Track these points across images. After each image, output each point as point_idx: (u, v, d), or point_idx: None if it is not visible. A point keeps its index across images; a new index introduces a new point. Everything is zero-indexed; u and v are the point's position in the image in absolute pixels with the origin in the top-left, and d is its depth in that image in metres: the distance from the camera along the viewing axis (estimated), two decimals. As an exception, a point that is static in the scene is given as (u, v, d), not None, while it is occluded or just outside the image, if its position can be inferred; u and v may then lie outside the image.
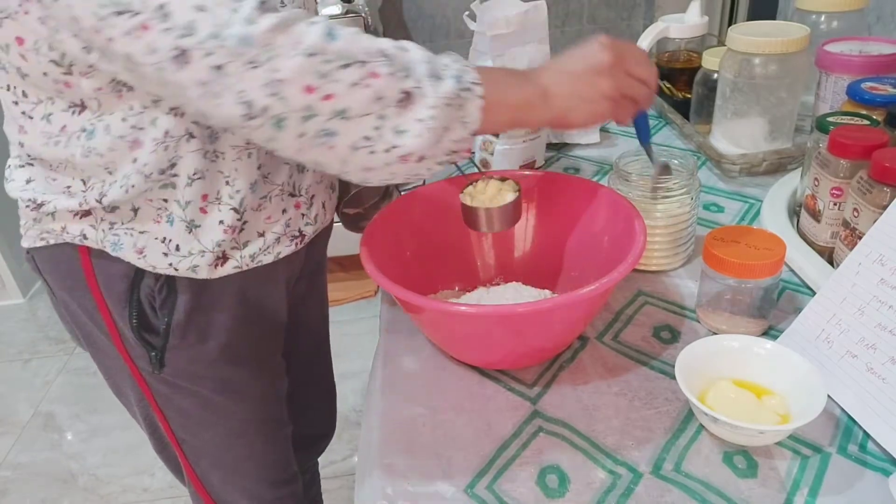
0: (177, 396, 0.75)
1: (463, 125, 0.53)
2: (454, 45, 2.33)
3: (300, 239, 0.74)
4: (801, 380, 0.55)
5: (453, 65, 0.54)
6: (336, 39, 0.49)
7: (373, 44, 0.51)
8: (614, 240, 0.67)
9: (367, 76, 0.49)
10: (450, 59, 0.55)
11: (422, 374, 0.66)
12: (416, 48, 0.53)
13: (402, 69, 0.51)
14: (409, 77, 0.51)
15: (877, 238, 0.58)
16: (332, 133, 0.50)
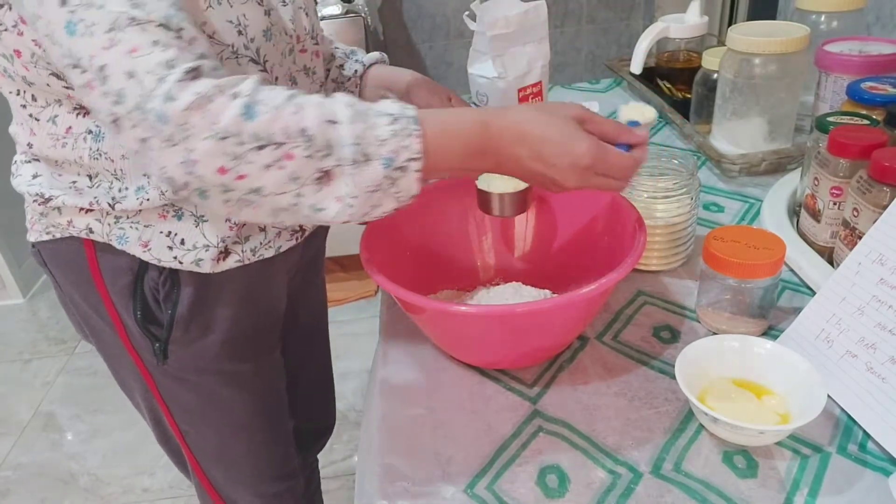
0: (180, 389, 0.76)
1: (396, 199, 0.53)
2: (454, 45, 2.33)
3: (300, 233, 0.74)
4: (801, 380, 0.55)
5: (392, 139, 0.50)
6: (253, 118, 0.47)
7: (295, 121, 0.48)
8: (614, 240, 0.67)
9: (282, 158, 0.48)
10: (391, 129, 0.50)
11: (422, 374, 0.66)
12: (350, 121, 0.50)
13: (323, 148, 0.49)
14: (330, 156, 0.49)
15: (876, 238, 0.58)
16: (252, 202, 0.51)
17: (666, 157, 0.76)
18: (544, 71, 0.94)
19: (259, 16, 0.61)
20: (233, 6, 0.58)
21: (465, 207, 0.75)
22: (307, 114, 0.49)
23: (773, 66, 0.88)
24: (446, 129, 0.53)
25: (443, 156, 0.53)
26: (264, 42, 0.62)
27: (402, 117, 0.51)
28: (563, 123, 0.54)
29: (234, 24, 0.59)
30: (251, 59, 0.61)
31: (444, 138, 0.53)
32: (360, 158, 0.50)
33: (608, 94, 1.28)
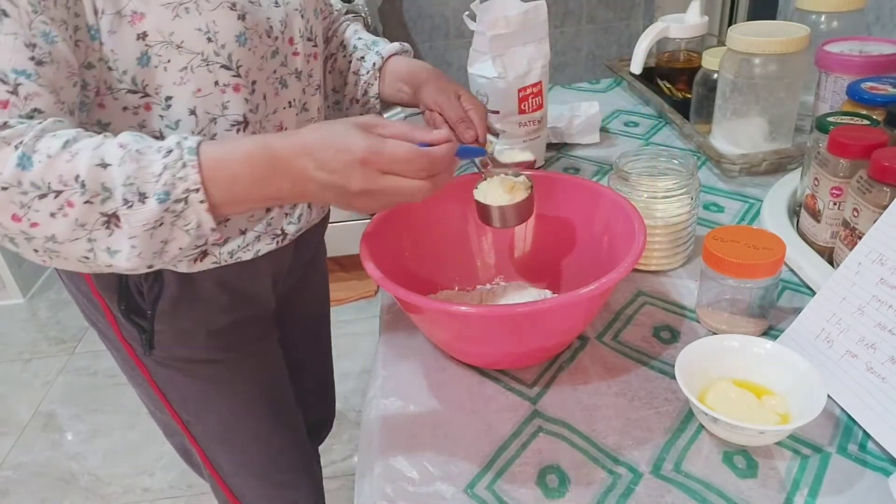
0: (174, 377, 0.77)
1: (189, 233, 0.52)
2: (454, 45, 2.33)
3: (282, 237, 0.74)
4: (801, 380, 0.55)
5: (166, 172, 0.50)
6: (29, 168, 0.48)
7: (69, 169, 0.49)
8: (614, 240, 0.67)
9: (64, 205, 0.49)
10: (164, 163, 0.51)
11: (422, 374, 0.66)
12: (121, 162, 0.50)
13: (100, 192, 0.50)
14: (111, 199, 0.50)
15: (877, 238, 0.58)
16: (55, 251, 0.51)
17: (666, 157, 0.76)
18: (544, 71, 0.94)
19: (231, 21, 0.61)
20: (202, 14, 0.59)
21: (465, 207, 0.75)
22: (80, 160, 0.49)
23: (773, 66, 0.88)
24: (226, 155, 0.53)
25: (230, 184, 0.53)
26: (237, 47, 0.62)
27: (177, 149, 0.51)
28: (342, 127, 0.53)
29: (203, 32, 0.59)
30: (222, 66, 0.61)
31: (225, 164, 0.53)
32: (133, 198, 0.50)
33: (608, 94, 1.28)
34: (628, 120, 1.16)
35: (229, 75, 0.62)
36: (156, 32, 0.57)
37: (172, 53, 0.59)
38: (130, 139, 0.52)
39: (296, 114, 0.73)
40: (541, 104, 0.96)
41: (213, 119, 0.63)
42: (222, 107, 0.63)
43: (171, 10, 0.57)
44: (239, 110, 0.64)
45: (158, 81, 0.59)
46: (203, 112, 0.62)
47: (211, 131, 0.64)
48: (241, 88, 0.64)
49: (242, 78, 0.63)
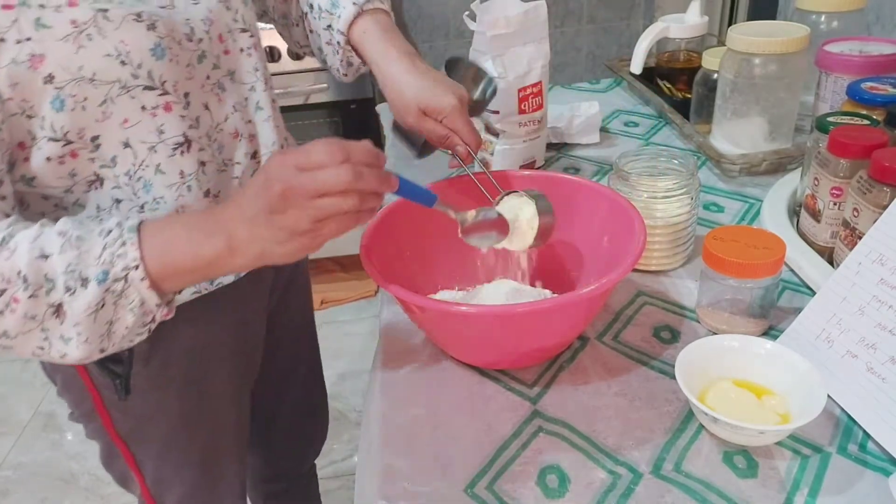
0: (141, 423, 0.72)
1: (134, 312, 0.52)
2: (454, 45, 2.33)
3: None
4: (801, 380, 0.55)
5: (105, 253, 0.50)
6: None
7: (9, 266, 0.48)
8: (614, 240, 0.67)
9: (10, 302, 0.49)
10: (103, 243, 0.50)
11: (422, 374, 0.66)
12: (61, 251, 0.49)
13: (44, 284, 0.49)
14: (54, 290, 0.49)
15: (877, 238, 0.58)
16: (8, 346, 0.51)
17: (666, 157, 0.76)
18: (544, 71, 0.94)
19: (140, 35, 0.55)
20: (107, 37, 0.53)
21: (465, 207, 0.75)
22: (20, 255, 0.48)
23: (773, 66, 0.88)
24: (165, 225, 0.52)
25: (166, 248, 0.51)
26: (155, 62, 0.56)
27: (117, 229, 0.50)
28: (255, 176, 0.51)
29: (114, 56, 0.54)
30: (145, 87, 0.57)
31: (162, 232, 0.52)
32: (74, 284, 0.49)
33: (608, 94, 1.28)
34: (628, 120, 1.16)
35: (155, 95, 0.58)
36: (62, 71, 0.52)
37: (87, 89, 0.54)
38: (70, 225, 0.51)
39: (245, 119, 0.68)
40: (541, 104, 0.96)
41: (152, 147, 0.59)
42: (158, 132, 0.59)
43: (73, 42, 0.52)
44: (177, 130, 0.60)
45: (80, 124, 0.55)
46: (138, 143, 0.58)
47: (154, 161, 0.60)
48: (174, 106, 0.59)
49: (172, 94, 0.59)
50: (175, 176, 0.61)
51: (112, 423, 0.71)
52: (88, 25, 0.52)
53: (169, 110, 0.59)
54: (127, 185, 0.60)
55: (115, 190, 0.59)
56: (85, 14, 0.52)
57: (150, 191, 0.61)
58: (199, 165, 0.63)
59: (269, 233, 0.50)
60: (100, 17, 0.53)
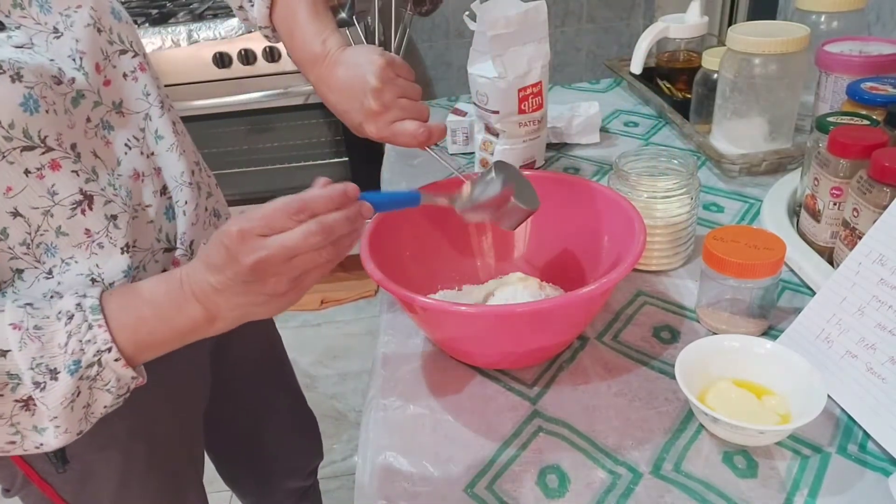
0: (85, 485, 0.67)
1: (107, 392, 0.49)
2: (454, 45, 2.33)
3: None
4: (801, 380, 0.55)
5: (72, 341, 0.46)
6: None
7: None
8: (614, 240, 0.67)
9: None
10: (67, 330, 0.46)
11: (422, 374, 0.66)
12: (20, 346, 0.46)
13: (8, 381, 0.46)
14: (21, 385, 0.46)
15: (877, 238, 0.58)
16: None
17: (666, 157, 0.76)
18: (544, 71, 0.94)
19: (5, 89, 0.48)
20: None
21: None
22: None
23: (773, 66, 0.88)
24: (129, 299, 0.49)
25: (137, 326, 0.49)
26: (29, 118, 0.49)
27: (78, 312, 0.47)
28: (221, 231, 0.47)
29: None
30: (24, 148, 0.50)
31: (130, 308, 0.48)
32: (43, 378, 0.46)
33: (608, 94, 1.28)
34: (628, 120, 1.16)
35: (38, 155, 0.50)
36: None
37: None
38: (21, 314, 0.47)
39: (144, 153, 0.61)
40: (541, 104, 0.96)
41: (47, 212, 0.53)
42: (50, 194, 0.52)
43: None
44: (72, 188, 0.53)
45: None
46: (29, 209, 0.52)
47: (52, 224, 0.53)
48: (62, 162, 0.52)
49: (57, 150, 0.52)
50: (81, 235, 0.55)
51: (55, 492, 0.65)
52: None
53: (57, 168, 0.52)
54: (26, 255, 0.54)
55: (14, 261, 0.53)
56: None
57: (55, 254, 0.55)
58: (109, 220, 0.56)
59: (248, 298, 0.48)
60: None
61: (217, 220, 0.73)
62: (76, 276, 0.56)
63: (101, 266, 0.57)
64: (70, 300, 0.48)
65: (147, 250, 0.62)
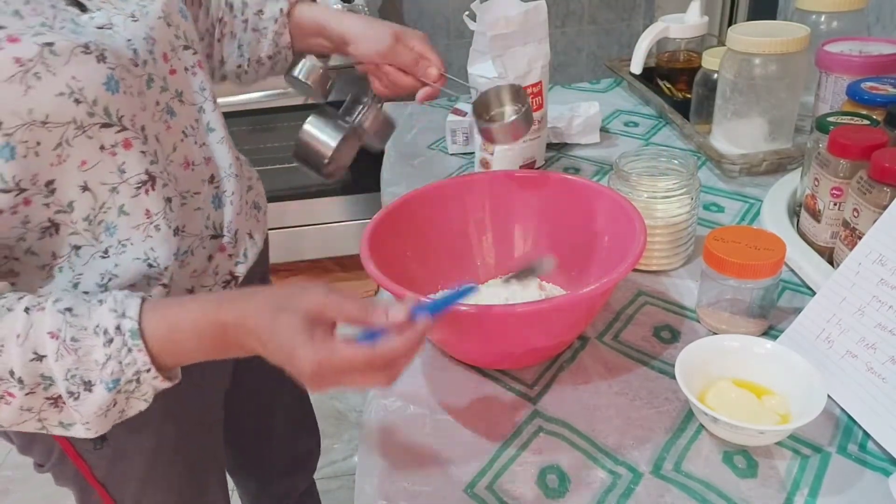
0: (117, 464, 0.69)
1: (144, 400, 0.51)
2: (454, 45, 2.33)
3: (233, 282, 0.69)
4: (801, 380, 0.55)
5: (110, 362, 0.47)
6: None
7: (2, 364, 0.46)
8: (614, 240, 0.67)
9: (4, 395, 0.47)
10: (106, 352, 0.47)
11: (422, 374, 0.66)
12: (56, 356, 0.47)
13: (41, 382, 0.47)
14: (53, 386, 0.48)
15: (877, 238, 0.58)
16: (2, 431, 0.50)
17: (666, 158, 0.76)
18: (544, 71, 0.94)
19: (92, 68, 0.51)
20: (57, 73, 0.48)
21: (465, 207, 0.75)
22: (11, 354, 0.46)
23: (773, 66, 0.88)
24: (173, 332, 0.49)
25: (181, 356, 0.50)
26: (111, 97, 0.52)
27: (118, 336, 0.47)
28: (288, 324, 0.46)
29: (66, 95, 0.49)
30: (102, 125, 0.52)
31: (174, 343, 0.49)
32: (77, 389, 0.48)
33: (608, 94, 1.28)
34: (628, 120, 1.16)
35: (114, 133, 0.53)
36: (10, 116, 0.47)
37: (39, 134, 0.49)
38: (60, 322, 0.47)
39: (198, 142, 0.65)
40: (541, 104, 0.96)
41: (114, 188, 0.55)
42: (119, 172, 0.55)
43: (19, 83, 0.47)
44: (139, 168, 0.56)
45: (33, 170, 0.50)
46: (98, 185, 0.54)
47: (116, 202, 0.56)
48: (133, 142, 0.55)
49: (130, 129, 0.55)
50: (140, 216, 0.57)
51: (89, 469, 0.67)
52: (35, 63, 0.47)
53: (129, 147, 0.55)
54: (87, 231, 0.55)
55: (73, 236, 0.55)
56: (29, 50, 0.47)
57: (113, 234, 0.57)
58: (166, 203, 0.59)
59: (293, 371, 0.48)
60: (46, 51, 0.48)
61: (257, 213, 0.76)
62: (132, 260, 0.58)
63: (155, 250, 0.59)
64: (109, 317, 0.48)
65: (196, 236, 0.64)
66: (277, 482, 1.04)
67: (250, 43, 0.78)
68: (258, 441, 0.97)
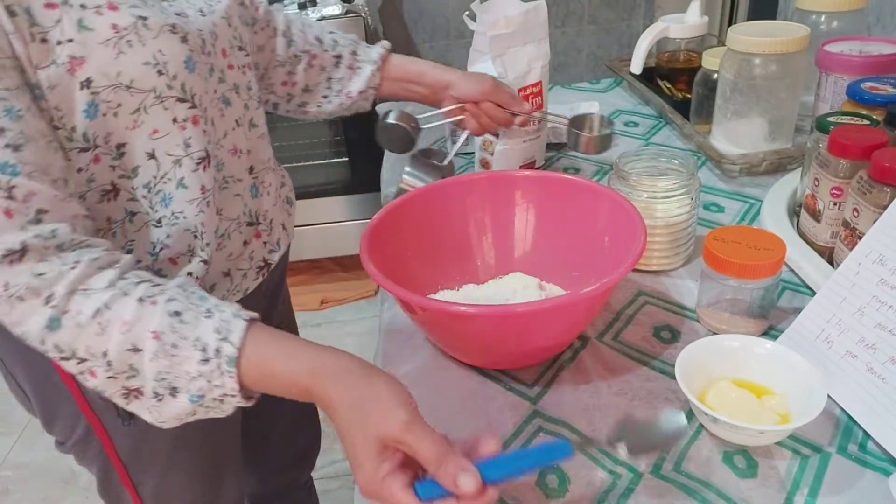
0: (140, 444, 0.70)
1: (224, 411, 0.52)
2: (454, 45, 2.33)
3: (266, 269, 0.72)
4: (801, 380, 0.55)
5: (201, 379, 0.48)
6: (57, 331, 0.47)
7: (97, 343, 0.48)
8: (614, 240, 0.67)
9: (86, 371, 0.49)
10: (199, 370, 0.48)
11: (422, 374, 0.66)
12: (153, 356, 0.48)
13: (127, 371, 0.49)
14: (136, 378, 0.49)
15: (877, 238, 0.58)
16: None
17: (666, 158, 0.76)
18: (544, 71, 0.94)
19: (176, 46, 0.55)
20: (146, 44, 0.53)
21: (465, 207, 0.75)
22: (110, 336, 0.48)
23: (773, 66, 0.88)
24: (266, 378, 0.50)
25: (264, 390, 0.51)
26: (188, 75, 0.57)
27: (216, 358, 0.49)
28: (363, 442, 0.46)
29: (152, 65, 0.54)
30: (178, 99, 0.57)
31: (263, 383, 0.51)
32: (163, 392, 0.49)
33: (608, 94, 1.28)
34: (628, 120, 1.16)
35: (186, 108, 0.57)
36: (101, 76, 0.51)
37: (122, 96, 0.53)
38: (166, 325, 0.48)
39: (244, 134, 0.68)
40: (541, 104, 0.96)
41: (178, 161, 0.59)
42: (185, 145, 0.58)
43: (113, 48, 0.51)
44: (201, 145, 0.60)
45: (107, 129, 0.54)
46: (164, 155, 0.58)
47: (177, 175, 0.59)
48: (199, 120, 0.59)
49: (198, 108, 0.59)
50: (197, 191, 0.61)
51: (113, 447, 0.69)
52: (129, 32, 0.52)
53: (196, 124, 0.59)
54: (144, 199, 0.59)
55: (130, 202, 0.58)
56: (126, 19, 0.52)
57: (168, 205, 0.60)
58: (215, 183, 0.63)
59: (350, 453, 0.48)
60: (140, 24, 0.53)
61: (289, 207, 0.80)
62: (183, 232, 0.61)
63: (204, 225, 0.62)
64: (212, 337, 0.49)
65: (233, 220, 0.67)
66: (278, 476, 1.04)
67: (342, 79, 0.85)
68: (260, 436, 0.97)
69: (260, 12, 0.79)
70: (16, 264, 0.46)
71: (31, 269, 0.47)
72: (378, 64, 0.85)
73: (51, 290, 0.47)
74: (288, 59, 0.83)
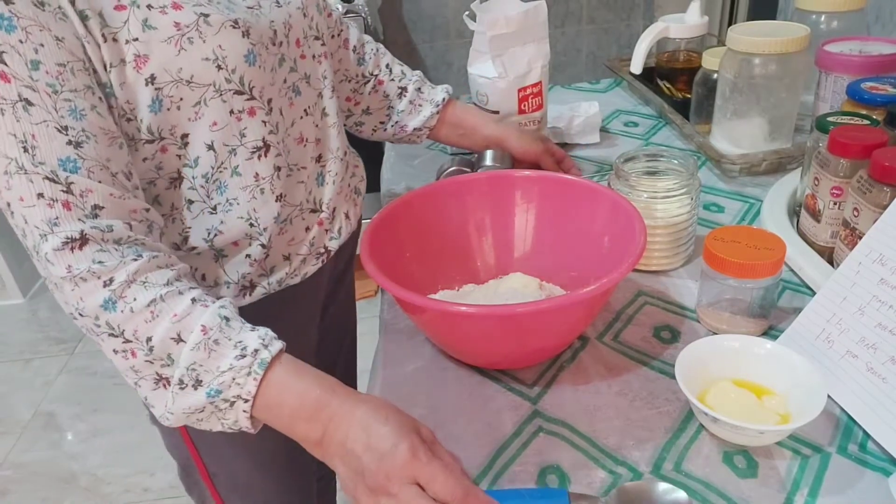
0: None
1: (223, 424, 0.54)
2: (454, 45, 2.33)
3: (326, 255, 0.73)
4: (801, 380, 0.55)
5: (229, 372, 0.50)
6: (111, 312, 0.50)
7: (145, 329, 0.51)
8: (614, 240, 0.67)
9: (128, 351, 0.51)
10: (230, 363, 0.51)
11: (422, 374, 0.66)
12: (195, 347, 0.51)
13: (164, 359, 0.51)
14: (169, 367, 0.51)
15: (877, 238, 0.58)
16: None
17: (666, 158, 0.76)
18: (544, 71, 0.94)
19: (237, 41, 0.57)
20: (206, 41, 0.55)
21: (466, 207, 0.75)
22: (159, 325, 0.51)
23: (773, 66, 0.88)
24: (287, 385, 0.52)
25: (273, 408, 0.52)
26: (248, 68, 0.59)
27: (251, 357, 0.51)
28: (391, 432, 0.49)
29: (211, 60, 0.56)
30: (235, 92, 0.59)
31: (281, 391, 0.52)
32: (188, 382, 0.51)
33: (608, 94, 1.28)
34: (628, 120, 1.16)
35: (243, 100, 0.60)
36: (163, 73, 0.54)
37: (183, 91, 0.56)
38: (215, 322, 0.52)
39: (314, 123, 0.70)
40: (541, 104, 0.96)
41: (232, 150, 0.61)
42: (240, 136, 0.61)
43: (175, 45, 0.54)
44: (257, 135, 0.62)
45: (172, 122, 0.57)
46: (221, 145, 0.60)
47: (232, 163, 0.61)
48: (258, 111, 0.61)
49: (257, 100, 0.61)
50: (250, 178, 0.63)
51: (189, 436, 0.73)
52: (191, 29, 0.54)
53: (253, 115, 0.61)
54: (202, 188, 0.61)
55: (190, 191, 0.61)
56: (188, 17, 0.54)
57: (223, 192, 0.62)
58: (275, 170, 0.64)
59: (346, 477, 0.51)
60: (201, 21, 0.55)
61: (356, 197, 0.82)
62: (237, 219, 0.63)
63: (257, 211, 0.64)
64: (254, 341, 0.52)
65: (296, 206, 0.69)
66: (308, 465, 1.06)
67: (402, 111, 0.89)
68: None
69: (333, 18, 0.81)
70: (77, 251, 0.50)
71: (92, 257, 0.50)
72: (439, 107, 0.88)
73: (111, 275, 0.50)
74: (356, 77, 0.85)
